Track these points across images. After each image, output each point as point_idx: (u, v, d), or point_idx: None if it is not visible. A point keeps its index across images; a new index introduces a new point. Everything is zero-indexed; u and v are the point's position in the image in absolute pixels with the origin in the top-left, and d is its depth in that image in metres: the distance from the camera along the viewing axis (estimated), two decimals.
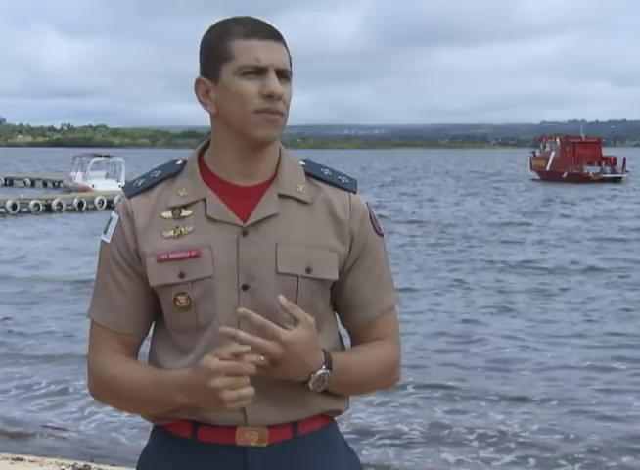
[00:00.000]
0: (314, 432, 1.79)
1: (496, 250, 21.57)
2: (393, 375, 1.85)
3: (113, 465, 6.18)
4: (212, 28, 1.77)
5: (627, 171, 59.41)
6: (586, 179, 55.54)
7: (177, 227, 1.75)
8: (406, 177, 63.71)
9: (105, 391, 1.81)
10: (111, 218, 1.82)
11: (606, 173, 57.50)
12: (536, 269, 17.99)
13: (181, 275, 1.73)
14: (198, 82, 1.78)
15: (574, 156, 57.77)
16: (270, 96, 1.70)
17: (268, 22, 1.77)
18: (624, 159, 58.70)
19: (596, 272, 17.64)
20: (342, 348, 1.85)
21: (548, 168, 60.44)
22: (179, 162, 1.84)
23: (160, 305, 1.79)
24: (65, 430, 7.88)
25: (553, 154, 60.04)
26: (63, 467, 5.74)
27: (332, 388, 1.74)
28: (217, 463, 1.73)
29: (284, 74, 1.73)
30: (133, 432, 7.61)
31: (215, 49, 1.74)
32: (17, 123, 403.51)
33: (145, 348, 1.86)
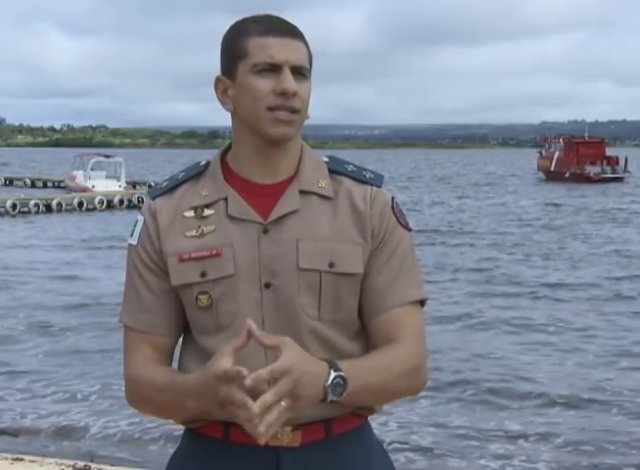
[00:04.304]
0: (348, 432, 1.76)
1: None
2: (419, 377, 1.75)
3: (112, 465, 6.17)
4: (231, 27, 1.77)
5: (629, 171, 59.50)
6: (587, 179, 55.65)
7: (199, 227, 1.75)
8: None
9: (133, 394, 1.80)
10: (136, 221, 1.82)
11: (607, 173, 57.57)
12: None
13: (202, 274, 1.72)
14: (217, 81, 1.78)
15: (577, 156, 57.95)
16: (283, 93, 1.69)
17: (287, 19, 1.76)
18: (626, 158, 58.79)
19: None
20: None
21: (552, 168, 60.77)
22: (203, 163, 1.85)
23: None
24: (65, 430, 7.88)
25: (557, 154, 60.34)
26: (63, 467, 5.73)
27: (353, 395, 1.64)
28: (249, 464, 1.71)
29: (300, 72, 1.71)
30: (133, 432, 7.61)
31: (232, 47, 1.74)
32: (17, 123, 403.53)
33: None
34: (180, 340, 1.85)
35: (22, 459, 5.86)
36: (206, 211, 1.76)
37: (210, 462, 1.75)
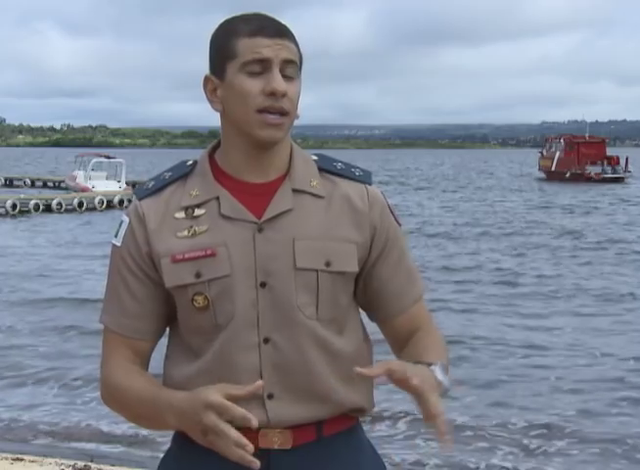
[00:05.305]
0: (339, 434, 1.76)
1: None
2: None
3: (112, 465, 6.16)
4: (220, 26, 1.75)
5: (629, 171, 59.54)
6: (588, 179, 55.73)
7: (191, 227, 1.72)
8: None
9: (109, 398, 1.80)
10: (121, 222, 1.79)
11: (607, 173, 57.60)
12: None
13: (197, 275, 1.70)
14: (206, 80, 1.76)
15: (578, 156, 58.04)
16: (273, 94, 1.67)
17: (277, 19, 1.73)
18: (627, 158, 58.81)
19: None
20: (367, 342, 1.83)
21: (553, 168, 60.95)
22: (190, 162, 1.82)
23: (174, 308, 1.76)
24: (65, 430, 7.88)
25: (558, 154, 60.51)
26: (63, 467, 5.72)
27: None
28: (240, 466, 1.67)
29: (290, 72, 1.70)
30: (134, 433, 7.60)
31: (221, 47, 1.72)
32: (17, 123, 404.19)
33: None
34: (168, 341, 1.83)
35: (22, 459, 5.85)
36: (197, 211, 1.73)
37: (200, 464, 1.73)
